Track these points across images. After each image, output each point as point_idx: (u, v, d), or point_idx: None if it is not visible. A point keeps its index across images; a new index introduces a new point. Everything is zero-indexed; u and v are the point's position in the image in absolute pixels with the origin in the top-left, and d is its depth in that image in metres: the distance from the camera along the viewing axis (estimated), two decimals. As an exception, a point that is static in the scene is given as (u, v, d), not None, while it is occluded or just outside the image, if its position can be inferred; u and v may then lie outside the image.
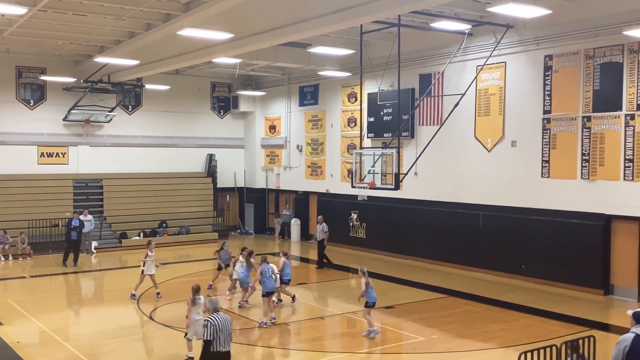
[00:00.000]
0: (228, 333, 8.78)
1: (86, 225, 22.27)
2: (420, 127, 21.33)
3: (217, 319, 8.73)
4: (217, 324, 8.67)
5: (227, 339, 8.77)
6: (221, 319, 8.76)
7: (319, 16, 13.75)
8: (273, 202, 29.58)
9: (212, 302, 9.09)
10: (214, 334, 8.62)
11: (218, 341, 8.65)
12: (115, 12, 16.58)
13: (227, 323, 8.80)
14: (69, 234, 21.09)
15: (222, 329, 8.68)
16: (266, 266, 14.09)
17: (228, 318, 8.91)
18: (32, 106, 25.38)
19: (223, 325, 8.71)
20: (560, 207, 17.22)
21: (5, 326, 13.57)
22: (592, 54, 16.42)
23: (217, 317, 8.77)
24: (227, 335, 8.76)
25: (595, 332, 11.27)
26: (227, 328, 8.77)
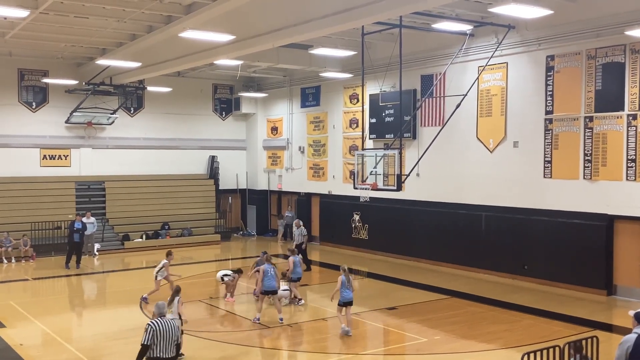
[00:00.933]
0: (171, 340, 8.43)
1: (88, 227, 22.27)
2: (422, 128, 21.33)
3: (159, 324, 8.45)
4: (157, 328, 8.40)
5: (169, 345, 8.42)
6: (164, 324, 8.47)
7: (321, 17, 13.76)
8: (275, 203, 29.58)
9: (158, 307, 8.87)
10: (154, 339, 8.35)
11: (158, 347, 8.37)
12: (117, 15, 16.60)
13: (170, 329, 8.48)
14: (72, 236, 21.09)
15: (164, 334, 8.39)
16: (269, 266, 14.18)
17: (174, 324, 8.64)
18: (35, 109, 25.42)
19: (165, 330, 8.42)
20: (562, 207, 17.20)
21: (8, 328, 13.59)
22: (594, 54, 16.40)
23: (160, 322, 8.51)
24: (170, 342, 8.42)
25: (598, 332, 11.25)
26: (170, 334, 8.44)
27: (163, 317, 8.65)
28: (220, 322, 14.80)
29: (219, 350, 12.21)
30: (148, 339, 8.34)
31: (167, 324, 8.52)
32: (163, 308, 8.88)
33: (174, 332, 8.52)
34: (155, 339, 8.35)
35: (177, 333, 8.60)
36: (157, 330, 8.38)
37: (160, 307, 8.87)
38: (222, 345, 12.52)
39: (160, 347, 8.36)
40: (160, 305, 8.91)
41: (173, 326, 8.56)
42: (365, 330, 14.03)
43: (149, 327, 8.42)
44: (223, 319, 15.03)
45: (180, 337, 8.78)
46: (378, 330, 14.01)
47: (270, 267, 14.20)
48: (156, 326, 8.40)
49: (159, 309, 8.82)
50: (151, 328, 8.38)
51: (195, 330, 13.41)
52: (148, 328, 8.41)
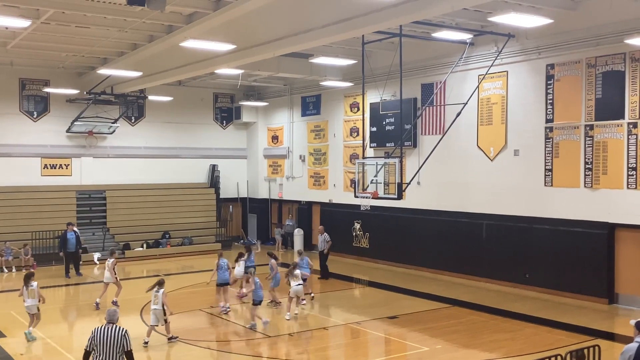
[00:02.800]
0: (113, 348, 8.09)
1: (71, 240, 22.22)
2: (422, 136, 21.34)
3: (100, 331, 8.19)
4: (96, 335, 8.15)
5: (113, 353, 8.09)
6: (105, 332, 8.17)
7: (321, 27, 13.80)
8: (276, 212, 29.58)
9: (108, 313, 8.55)
10: (92, 345, 8.15)
11: (99, 354, 8.12)
12: (118, 24, 16.67)
13: (112, 337, 8.13)
14: (65, 246, 21.23)
15: (104, 342, 8.10)
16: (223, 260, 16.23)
17: (120, 332, 8.21)
18: (36, 118, 25.47)
19: (106, 338, 8.12)
20: (563, 215, 17.18)
21: (9, 338, 13.57)
22: (593, 63, 16.44)
23: (102, 329, 8.23)
24: (112, 350, 8.09)
25: (600, 341, 11.21)
26: (112, 342, 8.10)
27: (110, 324, 8.32)
28: (220, 331, 14.75)
29: (220, 360, 12.16)
30: (89, 345, 8.17)
31: (110, 331, 8.17)
32: (113, 315, 8.52)
33: (118, 340, 8.11)
34: (93, 344, 8.12)
35: (123, 341, 8.14)
36: (97, 337, 8.13)
37: (109, 313, 8.54)
38: (223, 354, 12.48)
39: (101, 354, 8.08)
40: (109, 311, 8.58)
41: (117, 334, 8.17)
42: (367, 339, 13.99)
43: (91, 333, 8.25)
44: (223, 328, 14.99)
45: (129, 345, 8.22)
46: (379, 339, 13.97)
47: (225, 262, 16.05)
48: (96, 333, 8.17)
49: (109, 315, 8.52)
50: (92, 334, 8.20)
51: (195, 340, 13.38)
52: (90, 334, 8.23)
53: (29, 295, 13.50)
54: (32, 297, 13.52)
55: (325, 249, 20.76)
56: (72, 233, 21.46)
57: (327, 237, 20.89)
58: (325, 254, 20.74)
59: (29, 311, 13.64)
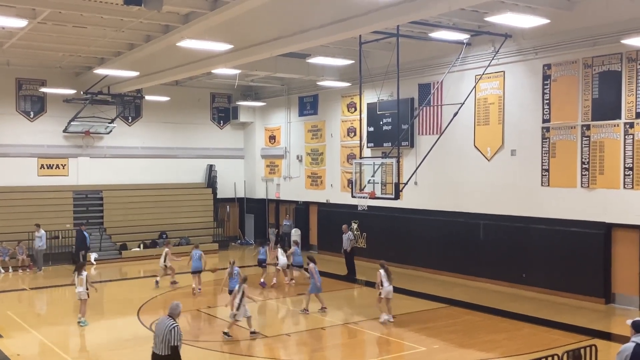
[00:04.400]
0: (160, 337, 8.90)
1: (36, 241, 22.39)
2: (419, 136, 21.36)
3: (158, 322, 9.16)
4: (156, 324, 9.11)
5: (159, 343, 8.91)
6: (160, 322, 9.05)
7: (318, 27, 13.81)
8: (273, 212, 29.55)
9: (170, 306, 9.32)
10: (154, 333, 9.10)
11: (154, 341, 9.01)
12: (115, 24, 16.64)
13: (162, 328, 8.94)
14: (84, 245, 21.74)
15: (157, 330, 9.04)
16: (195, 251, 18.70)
17: (169, 325, 8.89)
18: (32, 118, 25.42)
19: (159, 328, 9.02)
20: (560, 215, 17.20)
21: (5, 339, 13.53)
22: (590, 63, 16.46)
23: (161, 319, 9.15)
24: (159, 339, 8.91)
25: (597, 341, 11.24)
26: (160, 333, 8.93)
27: (168, 317, 9.07)
28: (218, 331, 14.73)
29: (217, 360, 12.15)
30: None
31: (163, 323, 8.97)
32: (174, 309, 9.26)
33: (165, 333, 8.83)
34: (154, 332, 9.06)
35: (169, 336, 8.82)
36: (156, 325, 9.05)
37: (171, 307, 9.29)
38: (221, 355, 12.48)
39: (156, 342, 8.96)
40: (172, 305, 9.33)
41: (166, 328, 8.87)
42: (364, 339, 13.99)
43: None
44: (220, 328, 14.96)
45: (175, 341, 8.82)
46: (376, 339, 13.96)
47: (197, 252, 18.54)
48: (157, 322, 9.10)
49: (170, 308, 9.28)
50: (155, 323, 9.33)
51: (193, 340, 13.37)
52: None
53: (79, 283, 14.65)
54: (81, 284, 14.67)
55: (349, 247, 20.74)
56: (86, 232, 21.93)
57: (350, 236, 20.88)
58: (350, 252, 20.61)
59: (79, 297, 14.70)
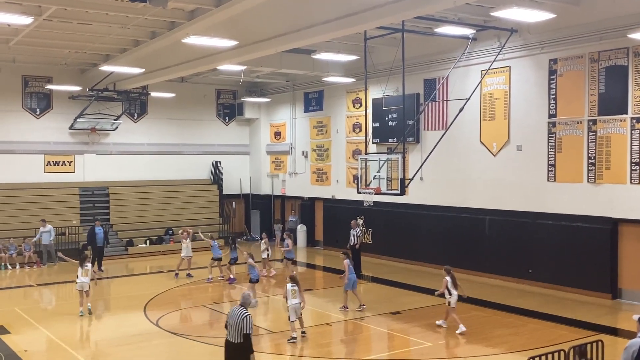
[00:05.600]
0: (234, 326, 9.26)
1: (44, 236, 22.54)
2: (425, 132, 21.32)
3: (232, 311, 9.46)
4: (230, 314, 9.44)
5: (233, 331, 9.27)
6: (234, 312, 9.37)
7: (323, 22, 13.79)
8: (279, 208, 29.59)
9: (242, 296, 9.72)
10: (227, 321, 9.43)
11: (228, 330, 9.38)
12: (120, 21, 16.66)
13: (235, 317, 9.29)
14: (94, 241, 21.56)
15: (229, 320, 9.37)
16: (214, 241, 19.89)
17: (242, 314, 9.26)
18: (39, 115, 25.50)
19: (231, 317, 9.36)
20: (566, 211, 17.16)
21: (13, 334, 13.60)
22: (597, 58, 16.39)
23: (234, 308, 9.46)
24: (233, 328, 9.27)
25: (603, 336, 11.19)
26: (234, 322, 9.27)
27: (240, 307, 9.41)
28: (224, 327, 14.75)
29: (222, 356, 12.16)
30: (226, 320, 9.53)
31: (236, 313, 9.33)
32: (246, 299, 9.62)
33: (239, 322, 9.22)
34: (227, 322, 9.46)
35: (242, 324, 9.20)
36: (229, 315, 9.46)
37: (244, 296, 9.67)
38: (226, 350, 12.47)
39: (230, 331, 9.35)
40: (244, 295, 9.72)
41: (239, 316, 9.25)
42: (370, 335, 14.01)
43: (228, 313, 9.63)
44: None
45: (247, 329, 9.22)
46: (382, 335, 13.98)
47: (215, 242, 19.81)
48: (230, 312, 9.49)
49: (242, 298, 9.66)
50: (228, 313, 9.52)
51: (199, 336, 13.41)
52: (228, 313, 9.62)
53: (82, 274, 15.08)
54: (85, 275, 15.10)
55: (357, 243, 20.60)
56: (100, 228, 21.82)
57: (358, 232, 20.77)
58: (358, 248, 20.30)
59: (81, 288, 15.08)
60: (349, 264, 15.53)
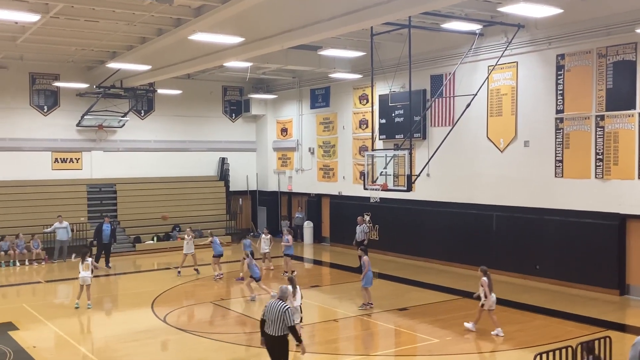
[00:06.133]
0: (274, 320, 9.38)
1: (60, 232, 22.66)
2: (432, 128, 21.28)
3: (270, 305, 9.57)
4: (268, 308, 9.52)
5: (273, 324, 9.39)
6: (273, 306, 9.48)
7: (329, 19, 13.76)
8: (285, 205, 29.62)
9: (280, 290, 9.92)
10: (265, 315, 9.54)
11: (267, 323, 9.47)
12: (127, 18, 16.68)
13: (275, 311, 9.40)
14: (100, 237, 21.70)
15: (268, 314, 9.46)
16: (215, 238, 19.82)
17: (282, 308, 9.40)
18: (46, 112, 25.60)
19: (273, 311, 9.43)
20: (574, 207, 17.10)
21: (21, 331, 13.69)
22: (604, 53, 16.30)
23: (273, 303, 9.59)
24: (272, 321, 9.39)
25: (611, 332, 11.17)
26: (273, 315, 9.39)
27: (277, 300, 9.58)
28: (231, 323, 14.83)
29: (230, 352, 12.24)
30: (263, 314, 9.61)
31: (276, 306, 9.45)
32: (283, 292, 9.84)
33: (280, 315, 9.35)
34: (265, 315, 9.52)
35: (283, 317, 9.35)
36: (268, 309, 9.51)
37: (282, 290, 9.88)
38: (233, 346, 12.55)
39: (268, 323, 9.45)
40: (283, 289, 9.90)
41: (280, 310, 9.40)
42: (377, 331, 14.02)
43: (265, 306, 9.68)
44: (233, 320, 15.07)
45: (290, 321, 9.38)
46: (389, 331, 13.98)
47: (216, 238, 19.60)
48: (268, 306, 9.56)
49: (280, 292, 9.86)
50: (265, 307, 9.62)
51: (206, 332, 13.46)
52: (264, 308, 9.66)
53: (84, 269, 15.45)
54: (86, 270, 15.46)
55: (365, 239, 20.60)
56: (108, 225, 21.93)
57: (365, 228, 20.76)
58: (365, 244, 20.35)
59: (83, 282, 15.45)
60: (368, 261, 15.28)
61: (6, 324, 14.14)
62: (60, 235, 22.74)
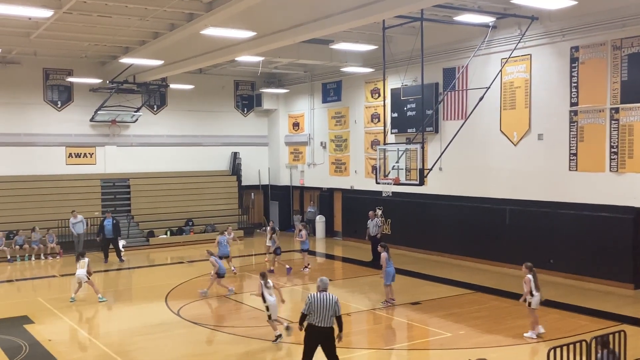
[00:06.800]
0: (326, 311, 9.37)
1: (77, 227, 22.94)
2: (444, 121, 21.19)
3: (316, 297, 9.50)
4: (313, 300, 9.46)
5: (322, 317, 9.38)
6: (321, 298, 9.46)
7: (341, 12, 13.73)
8: (297, 199, 29.65)
9: (322, 281, 9.83)
10: (310, 309, 9.45)
11: (314, 315, 9.42)
12: (140, 13, 16.74)
13: (327, 302, 9.43)
14: (102, 233, 21.98)
15: (319, 306, 9.40)
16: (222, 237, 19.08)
17: (333, 299, 9.48)
18: (60, 107, 25.77)
19: (322, 303, 9.41)
20: (588, 200, 16.97)
21: (37, 324, 13.82)
22: (619, 45, 16.13)
23: (318, 295, 9.53)
24: (325, 313, 9.38)
25: (625, 326, 11.09)
26: (325, 306, 9.38)
27: (323, 292, 9.57)
28: (244, 317, 14.88)
29: (244, 345, 12.28)
30: (306, 309, 9.52)
31: (325, 298, 9.48)
32: (326, 283, 9.78)
33: (332, 305, 9.42)
34: (311, 309, 9.44)
35: (335, 307, 9.45)
36: (314, 302, 9.45)
37: (324, 282, 9.79)
38: (247, 340, 12.60)
39: (316, 316, 9.41)
40: (324, 280, 9.81)
41: (331, 301, 9.47)
42: (389, 325, 14.02)
43: (307, 299, 9.58)
44: (247, 314, 15.12)
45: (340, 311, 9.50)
46: (402, 325, 13.98)
47: (224, 238, 18.92)
48: (313, 299, 9.49)
49: (323, 283, 9.77)
50: (309, 300, 9.53)
51: (220, 326, 13.53)
52: (307, 300, 9.57)
53: (79, 267, 16.00)
54: (82, 267, 15.96)
55: (378, 233, 20.59)
56: (110, 220, 22.14)
57: (378, 222, 20.72)
58: (378, 239, 20.19)
59: (78, 280, 15.93)
60: (387, 258, 15.17)
61: (22, 318, 14.29)
62: (77, 229, 22.96)
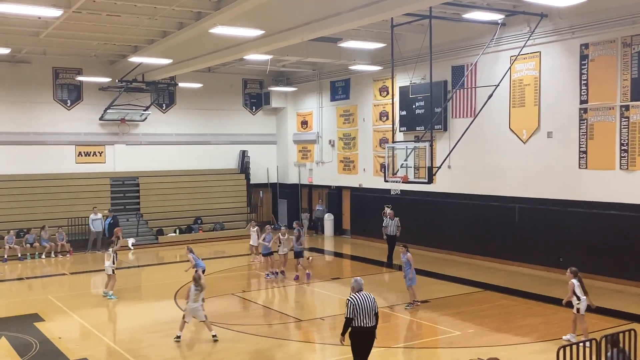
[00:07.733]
0: (369, 310, 9.30)
1: (96, 224, 23.55)
2: (453, 119, 21.13)
3: (357, 298, 9.32)
4: (356, 302, 9.28)
5: (368, 316, 9.29)
6: (362, 298, 9.32)
7: (350, 10, 13.71)
8: (306, 197, 29.66)
9: (357, 282, 9.65)
10: (354, 312, 9.25)
11: (359, 318, 9.26)
12: (148, 12, 16.79)
13: (369, 301, 9.34)
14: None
15: (363, 307, 9.26)
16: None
17: (373, 297, 9.43)
18: (69, 106, 25.89)
19: (365, 303, 9.29)
20: (598, 198, 16.89)
21: (47, 322, 13.91)
22: (629, 42, 16.03)
23: (358, 296, 9.35)
24: (369, 313, 9.29)
25: (635, 325, 11.04)
26: (368, 306, 9.29)
27: (361, 292, 9.42)
28: (253, 315, 14.92)
29: (253, 343, 12.31)
30: (350, 313, 9.28)
31: (366, 298, 9.36)
32: (361, 284, 9.61)
33: (372, 304, 9.35)
34: (355, 311, 9.25)
35: (375, 305, 9.39)
36: (358, 304, 9.27)
37: (359, 282, 9.62)
38: (256, 338, 12.63)
39: (361, 318, 9.26)
40: (359, 280, 9.64)
41: (372, 299, 9.40)
42: (398, 323, 14.00)
43: (349, 302, 9.33)
44: (256, 312, 15.15)
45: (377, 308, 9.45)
46: (411, 323, 13.96)
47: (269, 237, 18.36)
48: (355, 300, 9.29)
49: (359, 284, 9.59)
50: (351, 302, 9.30)
51: (229, 324, 13.56)
52: (348, 303, 9.33)
53: (106, 258, 16.01)
54: (108, 259, 15.94)
55: (397, 233, 20.52)
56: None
57: (397, 222, 20.63)
58: (396, 237, 20.16)
59: (106, 272, 16.09)
60: (406, 261, 14.97)
61: (32, 315, 14.38)
62: (95, 226, 23.19)
